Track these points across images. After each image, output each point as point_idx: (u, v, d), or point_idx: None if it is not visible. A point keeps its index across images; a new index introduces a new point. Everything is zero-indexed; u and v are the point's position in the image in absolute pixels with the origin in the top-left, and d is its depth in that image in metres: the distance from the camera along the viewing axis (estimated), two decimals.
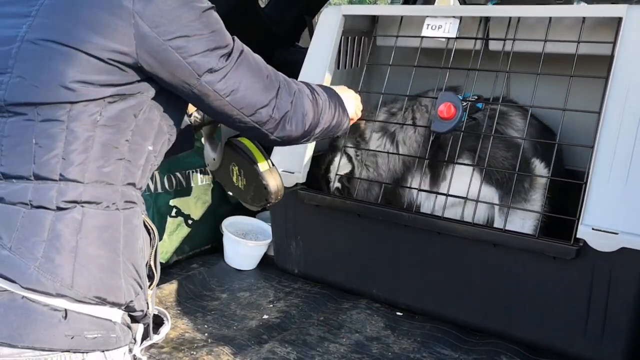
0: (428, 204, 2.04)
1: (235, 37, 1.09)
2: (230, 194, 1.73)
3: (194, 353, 1.72)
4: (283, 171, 2.15)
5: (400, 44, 2.12)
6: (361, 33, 2.26)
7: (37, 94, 0.92)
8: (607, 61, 1.74)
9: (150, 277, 1.10)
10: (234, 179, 1.62)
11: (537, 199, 1.93)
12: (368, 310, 2.05)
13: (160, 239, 2.23)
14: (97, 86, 0.93)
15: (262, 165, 1.52)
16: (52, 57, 0.92)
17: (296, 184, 2.11)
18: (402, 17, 2.13)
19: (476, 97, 2.04)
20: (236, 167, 1.59)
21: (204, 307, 2.04)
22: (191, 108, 1.42)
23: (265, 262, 2.38)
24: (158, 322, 1.22)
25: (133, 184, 1.01)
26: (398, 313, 2.05)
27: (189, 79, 1.00)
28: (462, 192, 1.88)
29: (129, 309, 1.00)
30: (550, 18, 1.83)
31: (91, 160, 0.94)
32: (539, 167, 1.92)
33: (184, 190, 2.30)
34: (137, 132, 1.00)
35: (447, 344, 1.85)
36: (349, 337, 1.88)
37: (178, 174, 2.27)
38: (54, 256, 0.91)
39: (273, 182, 1.52)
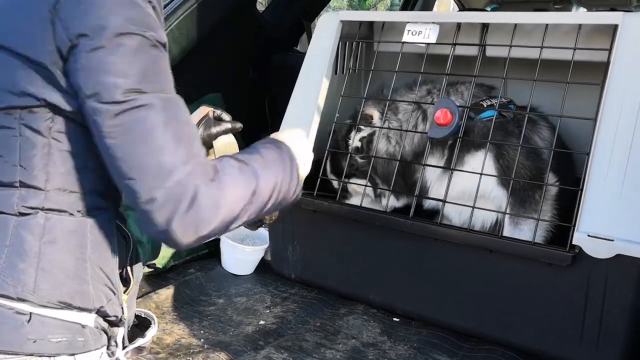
0: (437, 187, 2.02)
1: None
2: None
3: (190, 359, 1.72)
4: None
5: (400, 49, 2.12)
6: (359, 38, 2.26)
7: None
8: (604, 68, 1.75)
9: (127, 282, 1.08)
10: None
11: (547, 210, 1.93)
12: (365, 316, 2.05)
13: (158, 244, 2.23)
14: (26, 97, 0.92)
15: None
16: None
17: None
18: (382, 22, 2.14)
19: (508, 100, 2.04)
20: None
21: (201, 312, 2.04)
22: None
23: (263, 267, 2.38)
24: (146, 324, 1.22)
25: (101, 190, 1.00)
26: (395, 319, 2.05)
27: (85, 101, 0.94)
28: (475, 182, 1.86)
29: (101, 313, 1.00)
30: (546, 25, 1.84)
31: (51, 167, 0.93)
32: (551, 180, 1.90)
33: None
34: (86, 141, 0.97)
35: (444, 350, 1.85)
36: (345, 343, 1.88)
37: None
38: (16, 261, 0.91)
39: None
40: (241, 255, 2.32)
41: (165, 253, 2.26)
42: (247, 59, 2.90)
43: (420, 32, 2.03)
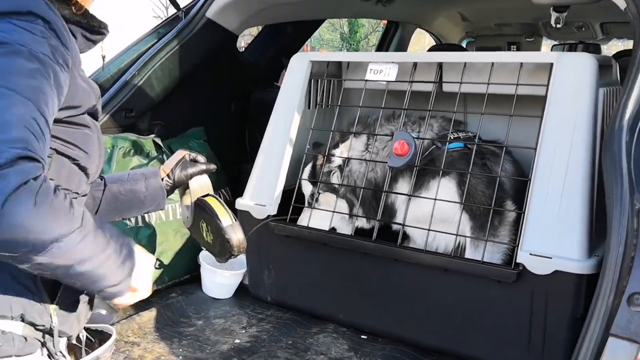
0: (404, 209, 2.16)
1: None
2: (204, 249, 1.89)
3: None
4: (255, 204, 2.32)
5: (364, 86, 2.30)
6: (327, 76, 2.45)
7: None
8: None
9: (54, 294, 1.16)
10: (204, 235, 1.74)
11: (505, 235, 2.09)
12: (334, 334, 2.19)
13: None
14: None
15: (225, 221, 1.63)
16: None
17: (268, 216, 2.27)
18: (348, 62, 2.33)
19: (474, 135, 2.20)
20: (204, 224, 1.71)
21: (180, 332, 2.17)
22: (162, 174, 1.55)
23: (241, 290, 2.52)
24: (106, 338, 1.35)
25: None
26: (363, 336, 2.18)
27: None
28: (438, 206, 2.02)
29: (28, 322, 1.11)
30: (492, 63, 2.03)
31: None
32: (510, 208, 2.06)
33: (164, 223, 2.45)
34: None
35: None
36: (314, 358, 2.01)
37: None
38: None
39: (235, 237, 1.63)
40: (220, 280, 2.47)
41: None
42: (228, 95, 3.08)
43: (381, 70, 2.22)
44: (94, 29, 1.23)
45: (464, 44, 5.11)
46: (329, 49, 23.86)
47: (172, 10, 2.82)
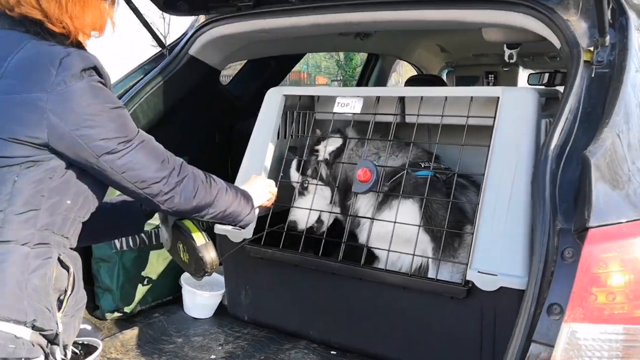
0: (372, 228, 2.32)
1: (140, 130, 1.46)
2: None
3: None
4: (233, 228, 2.48)
5: (332, 118, 2.49)
6: (301, 108, 2.63)
7: None
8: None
9: (61, 304, 1.37)
10: (181, 255, 1.91)
11: (464, 256, 2.24)
12: (305, 350, 2.33)
13: (126, 292, 2.53)
14: (12, 158, 1.28)
15: (199, 241, 1.80)
16: None
17: (244, 239, 2.43)
18: (318, 96, 2.51)
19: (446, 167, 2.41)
20: (181, 245, 1.88)
21: (161, 349, 2.32)
22: None
23: (221, 310, 2.67)
24: (91, 351, 1.51)
25: (51, 229, 1.33)
26: (332, 352, 2.32)
27: (90, 158, 1.35)
28: (402, 227, 2.18)
29: (37, 329, 1.29)
30: (446, 97, 2.21)
31: (11, 210, 1.28)
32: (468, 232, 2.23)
33: (147, 247, 2.61)
34: (54, 190, 1.33)
35: None
36: None
37: (141, 234, 2.59)
38: None
39: (208, 255, 1.80)
40: (200, 300, 2.62)
41: (133, 299, 2.55)
42: (212, 126, 3.26)
43: (348, 104, 2.40)
44: None
45: (444, 74, 5.34)
46: (326, 76, 24.25)
47: (170, 39, 3.03)
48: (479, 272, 1.93)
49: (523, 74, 5.50)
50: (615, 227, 1.42)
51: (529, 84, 4.98)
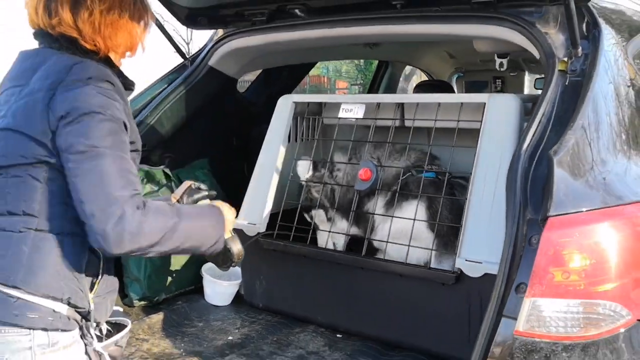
0: (382, 225, 2.56)
1: (122, 153, 1.47)
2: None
3: None
4: (248, 223, 2.73)
5: (338, 122, 2.73)
6: (310, 114, 2.88)
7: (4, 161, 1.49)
8: None
9: (93, 286, 1.58)
10: None
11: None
12: (314, 333, 2.56)
13: (152, 281, 2.80)
14: (39, 155, 1.46)
15: (226, 234, 2.02)
16: (9, 138, 1.49)
17: (258, 233, 2.68)
18: (325, 103, 2.76)
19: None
20: None
21: (183, 332, 2.58)
22: (173, 200, 1.94)
23: (238, 298, 2.92)
24: (122, 329, 1.75)
25: (75, 220, 1.46)
26: (338, 335, 2.56)
27: (62, 150, 1.45)
28: (408, 224, 2.40)
29: (72, 305, 1.50)
30: (439, 103, 2.44)
31: (41, 203, 1.47)
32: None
33: None
34: (64, 186, 1.46)
35: (369, 355, 2.36)
36: (294, 352, 2.40)
37: None
38: (14, 263, 1.45)
39: (235, 247, 1.98)
40: (219, 289, 2.87)
41: (159, 288, 2.82)
42: (230, 131, 3.53)
43: (351, 109, 2.65)
44: (126, 85, 1.65)
45: (454, 79, 5.54)
46: (346, 79, 24.49)
47: (193, 46, 3.31)
48: (466, 260, 2.15)
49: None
50: (574, 215, 1.63)
51: (535, 88, 5.18)
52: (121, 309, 2.40)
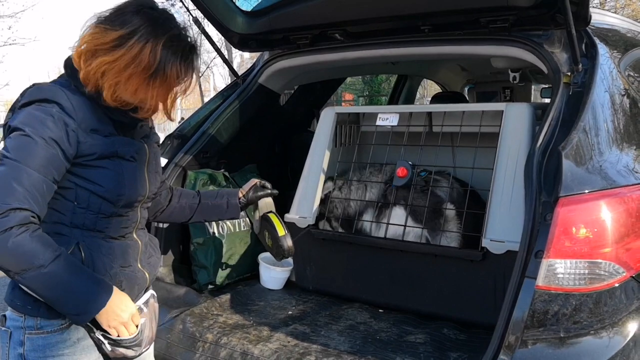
0: (375, 231, 3.03)
1: (30, 170, 1.47)
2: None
3: (246, 329, 2.71)
4: (299, 217, 3.19)
5: (375, 129, 3.20)
6: (350, 123, 3.35)
7: None
8: None
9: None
10: (266, 240, 2.44)
11: (452, 228, 2.92)
12: (360, 309, 3.01)
13: (217, 268, 3.25)
14: None
15: (280, 232, 2.32)
16: None
17: (308, 225, 3.14)
18: (364, 113, 3.23)
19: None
20: (267, 232, 2.40)
21: (249, 309, 3.03)
22: (240, 194, 2.24)
23: (290, 283, 3.37)
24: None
25: (64, 223, 1.62)
26: (380, 310, 3.00)
27: None
28: (399, 228, 2.88)
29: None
30: (463, 112, 2.91)
31: (73, 209, 1.62)
32: (450, 208, 2.91)
33: (232, 234, 3.34)
34: (57, 194, 1.59)
35: (409, 324, 2.80)
36: (345, 322, 2.84)
37: (228, 222, 3.32)
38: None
39: (286, 244, 2.31)
40: (274, 275, 3.33)
41: (222, 274, 3.28)
42: (274, 138, 4.00)
43: (387, 118, 3.12)
44: (127, 115, 1.67)
45: (466, 90, 6.01)
46: (352, 91, 25.01)
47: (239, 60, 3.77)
48: (491, 240, 2.60)
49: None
50: (579, 196, 2.09)
51: (542, 97, 5.64)
52: (193, 292, 2.87)
